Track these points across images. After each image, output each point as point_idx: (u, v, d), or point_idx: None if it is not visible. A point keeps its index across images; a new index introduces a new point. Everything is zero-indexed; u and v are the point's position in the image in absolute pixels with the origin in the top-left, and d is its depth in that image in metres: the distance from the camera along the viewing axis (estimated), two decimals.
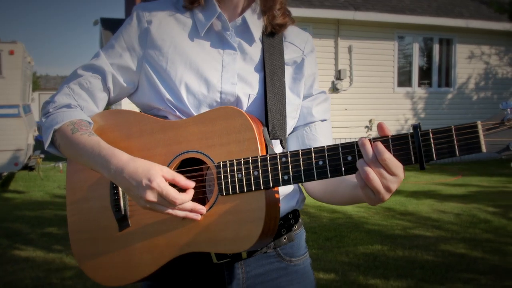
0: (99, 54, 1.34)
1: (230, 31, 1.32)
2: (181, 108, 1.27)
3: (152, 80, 1.30)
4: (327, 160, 1.09)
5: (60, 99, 1.31)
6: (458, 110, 13.29)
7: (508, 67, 13.91)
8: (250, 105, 1.30)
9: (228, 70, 1.30)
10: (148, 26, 1.31)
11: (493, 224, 6.49)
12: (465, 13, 12.95)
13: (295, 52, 1.40)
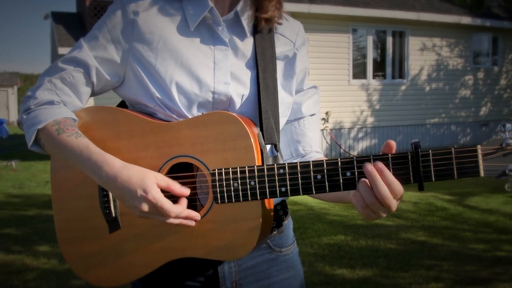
0: (82, 46, 1.25)
1: (222, 26, 1.26)
2: (171, 107, 1.22)
3: (140, 76, 1.23)
4: (325, 175, 1.08)
5: (42, 94, 1.23)
6: (412, 101, 13.59)
7: (459, 58, 14.30)
8: (243, 105, 1.26)
9: (221, 67, 1.24)
10: (134, 18, 1.23)
11: (449, 211, 6.70)
12: (417, 6, 13.23)
13: (287, 44, 1.35)
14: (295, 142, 1.39)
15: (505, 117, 15.43)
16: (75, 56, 1.25)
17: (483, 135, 15.08)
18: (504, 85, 15.29)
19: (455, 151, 1.02)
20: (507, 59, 15.30)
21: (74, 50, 1.26)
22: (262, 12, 1.27)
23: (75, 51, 1.26)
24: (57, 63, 1.26)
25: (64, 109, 1.23)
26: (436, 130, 14.15)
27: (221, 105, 1.25)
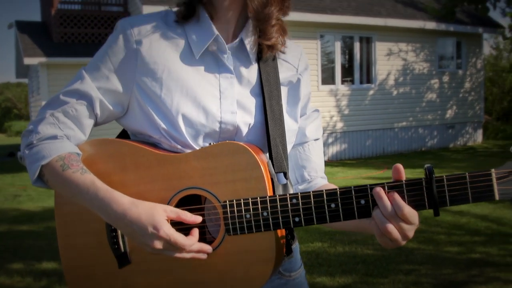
0: (83, 77, 1.21)
1: (227, 53, 1.23)
2: (177, 137, 1.19)
3: (144, 107, 1.20)
4: (339, 203, 1.07)
5: (45, 129, 1.19)
6: (380, 105, 13.78)
7: (424, 62, 14.57)
8: (249, 134, 1.24)
9: (227, 96, 1.22)
10: (137, 47, 1.19)
11: (422, 214, 6.70)
12: (383, 12, 13.43)
13: (290, 70, 1.33)
14: (300, 167, 1.37)
15: (470, 119, 15.77)
16: (77, 88, 1.21)
17: (450, 138, 15.38)
18: (468, 88, 15.63)
19: (469, 175, 1.01)
20: (471, 62, 15.66)
21: (75, 82, 1.22)
22: (266, 39, 1.24)
23: (76, 83, 1.21)
24: (59, 95, 1.22)
25: (67, 143, 1.20)
26: (404, 134, 14.36)
27: (228, 134, 1.23)
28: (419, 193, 1.04)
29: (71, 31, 12.58)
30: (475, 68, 15.81)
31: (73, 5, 13.91)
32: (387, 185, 1.05)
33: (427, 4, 14.39)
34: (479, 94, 16.00)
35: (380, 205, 1.04)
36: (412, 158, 12.98)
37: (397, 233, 1.03)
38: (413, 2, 14.98)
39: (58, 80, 11.83)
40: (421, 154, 14.00)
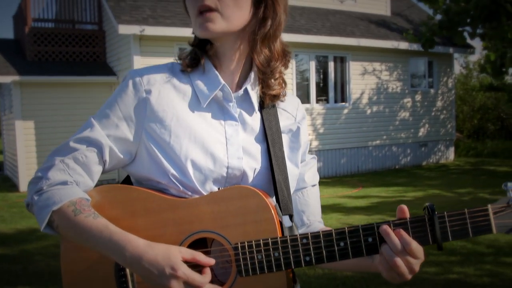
0: (93, 125, 1.24)
1: (233, 102, 1.29)
2: (186, 183, 1.22)
3: (153, 154, 1.23)
4: (348, 242, 1.13)
5: (55, 175, 1.20)
6: (354, 124, 13.92)
7: (397, 82, 14.80)
8: (255, 179, 1.28)
9: (233, 143, 1.27)
10: (147, 96, 1.24)
11: None
12: (356, 32, 13.64)
13: (289, 119, 1.40)
14: (300, 212, 1.43)
15: (442, 137, 16.03)
16: (87, 135, 1.23)
17: (423, 155, 15.61)
18: (440, 106, 15.91)
19: (468, 211, 1.10)
20: (442, 81, 15.96)
21: (85, 129, 1.25)
22: (269, 90, 1.31)
23: (86, 131, 1.24)
24: (69, 142, 1.24)
25: (77, 189, 1.21)
26: (378, 152, 14.52)
27: (235, 179, 1.27)
28: (423, 229, 1.12)
29: (45, 49, 12.45)
30: (447, 87, 16.13)
31: (47, 23, 13.80)
32: (392, 222, 1.13)
33: (406, 31, 14.67)
34: (451, 112, 16.30)
35: (388, 241, 1.11)
36: (386, 176, 13.13)
37: (404, 267, 1.11)
38: (386, 22, 15.25)
39: (31, 99, 11.70)
40: (395, 172, 14.17)
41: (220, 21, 1.21)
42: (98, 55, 13.02)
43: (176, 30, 10.96)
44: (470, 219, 1.10)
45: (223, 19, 1.22)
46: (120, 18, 10.60)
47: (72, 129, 12.01)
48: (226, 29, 1.23)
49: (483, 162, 15.85)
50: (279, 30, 1.29)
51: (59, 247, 1.27)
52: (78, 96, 12.16)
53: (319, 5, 14.44)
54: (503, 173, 13.15)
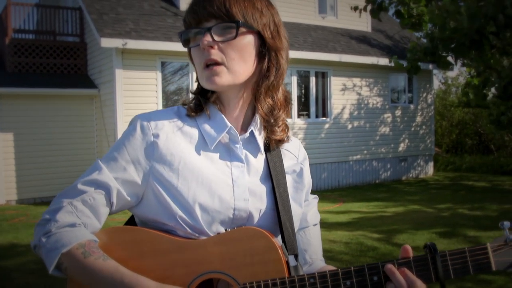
0: (101, 167, 1.26)
1: (239, 144, 1.32)
2: (193, 225, 1.24)
3: (161, 196, 1.25)
4: (354, 280, 1.16)
5: (63, 217, 1.21)
6: (335, 139, 14.02)
7: (378, 97, 14.96)
8: (260, 219, 1.31)
9: (239, 185, 1.29)
10: (155, 140, 1.26)
11: (380, 251, 6.90)
12: (338, 48, 13.77)
13: (292, 159, 1.43)
14: (302, 251, 1.46)
15: (422, 152, 16.21)
16: (95, 178, 1.25)
17: (402, 170, 15.76)
18: (419, 122, 16.11)
19: (468, 250, 1.15)
20: (422, 97, 16.18)
21: (93, 172, 1.26)
22: (273, 135, 1.35)
23: (94, 173, 1.25)
24: (77, 185, 1.25)
25: (86, 231, 1.22)
26: (358, 166, 14.63)
27: (241, 220, 1.29)
28: (426, 268, 1.17)
29: (26, 60, 12.34)
30: (426, 102, 16.34)
31: (27, 34, 13.71)
32: (397, 262, 1.16)
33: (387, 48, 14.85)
34: (430, 127, 16.50)
35: (394, 280, 1.15)
36: (366, 191, 13.21)
37: None
38: (367, 38, 15.44)
39: (11, 111, 11.57)
40: (375, 186, 14.28)
41: (226, 75, 1.25)
42: (79, 67, 12.94)
43: (158, 44, 10.96)
44: (471, 257, 1.14)
45: (229, 73, 1.25)
46: (102, 31, 10.57)
47: (52, 142, 11.94)
48: (231, 82, 1.27)
49: (461, 177, 16.05)
50: (282, 79, 1.35)
51: (39, 263, 1.27)
52: (59, 109, 12.07)
53: (301, 21, 14.56)
54: (481, 188, 13.33)
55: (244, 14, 1.25)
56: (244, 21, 1.24)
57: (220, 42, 1.24)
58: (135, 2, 12.40)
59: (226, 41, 1.24)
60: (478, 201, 10.98)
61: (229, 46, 1.24)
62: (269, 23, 1.30)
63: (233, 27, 1.23)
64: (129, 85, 11.00)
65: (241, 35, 1.25)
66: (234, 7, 1.24)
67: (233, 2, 1.24)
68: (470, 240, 7.30)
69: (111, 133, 11.46)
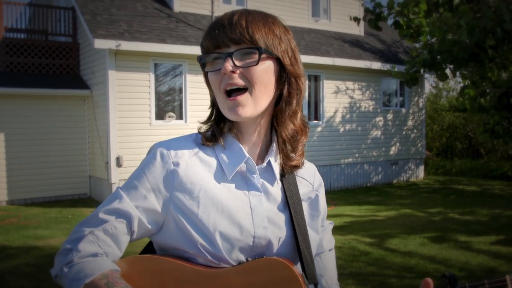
0: (122, 196, 1.27)
1: (256, 174, 1.33)
2: (214, 252, 1.24)
3: (181, 224, 1.26)
4: None
5: (85, 247, 1.22)
6: (327, 142, 14.06)
7: (369, 101, 15.02)
8: (280, 247, 1.31)
9: (258, 213, 1.30)
10: (175, 168, 1.27)
11: (372, 255, 6.93)
12: (331, 52, 13.81)
13: (307, 187, 1.44)
14: (319, 276, 1.47)
15: (413, 155, 16.29)
16: (117, 207, 1.25)
17: (394, 173, 15.83)
18: (411, 125, 16.19)
19: (488, 282, 1.18)
20: (413, 101, 16.26)
21: (113, 201, 1.27)
22: (289, 161, 1.36)
23: (115, 202, 1.26)
24: (98, 214, 1.25)
25: (108, 261, 1.23)
26: (350, 170, 14.68)
27: (260, 248, 1.30)
28: None
29: (17, 60, 12.27)
30: (417, 106, 16.43)
31: (20, 33, 13.62)
32: None
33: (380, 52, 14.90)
34: (421, 131, 16.59)
35: None
36: (358, 194, 13.26)
37: None
38: (359, 42, 15.50)
39: (2, 111, 11.49)
40: (366, 190, 14.33)
41: (250, 104, 1.26)
42: (71, 67, 12.88)
43: (152, 45, 10.94)
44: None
45: (252, 101, 1.26)
46: (96, 32, 10.53)
47: (44, 142, 11.87)
48: (254, 113, 1.28)
49: (451, 181, 16.14)
50: (302, 103, 1.37)
51: (32, 266, 1.27)
52: (51, 109, 12.01)
53: (294, 24, 14.58)
54: (471, 192, 13.42)
55: (265, 41, 1.26)
56: (266, 47, 1.25)
57: (242, 68, 1.24)
58: (128, 3, 12.37)
59: (248, 67, 1.24)
60: (468, 206, 11.05)
61: (251, 71, 1.25)
62: (288, 49, 1.31)
63: (255, 52, 1.24)
64: (122, 87, 10.97)
65: (262, 61, 1.25)
66: (256, 33, 1.25)
67: (255, 29, 1.25)
68: (461, 245, 7.35)
69: (103, 134, 11.42)
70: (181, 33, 11.82)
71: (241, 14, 1.28)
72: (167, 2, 13.14)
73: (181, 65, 11.75)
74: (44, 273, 5.98)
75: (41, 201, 11.87)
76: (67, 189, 12.29)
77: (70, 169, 12.26)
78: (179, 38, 11.54)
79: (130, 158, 11.02)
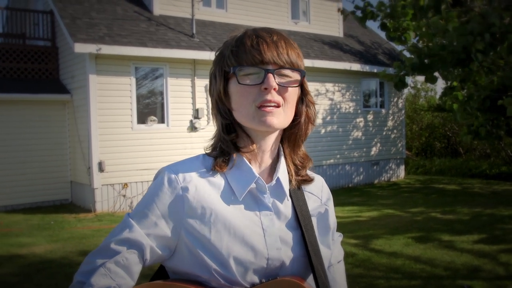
0: (132, 225, 1.26)
1: (266, 193, 1.32)
2: (228, 276, 1.24)
3: (194, 250, 1.25)
4: None
5: (97, 281, 1.20)
6: (309, 143, 14.07)
7: (350, 102, 15.12)
8: (293, 267, 1.31)
9: (270, 234, 1.30)
10: (184, 194, 1.26)
11: (359, 257, 6.97)
12: (311, 54, 13.87)
13: (316, 202, 1.44)
14: None
15: (393, 155, 16.44)
16: (128, 237, 1.24)
17: (375, 174, 15.95)
18: (391, 126, 16.34)
19: None
20: (393, 102, 16.41)
21: (123, 230, 1.25)
22: (297, 176, 1.38)
23: (125, 231, 1.25)
24: (109, 245, 1.24)
25: None
26: (332, 171, 14.76)
27: (274, 269, 1.29)
28: None
29: None
30: (397, 107, 16.58)
31: None
32: None
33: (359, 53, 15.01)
34: (401, 132, 16.75)
35: None
36: (340, 195, 13.33)
37: None
38: (339, 43, 15.60)
39: None
40: (348, 190, 14.42)
41: (282, 118, 1.27)
42: (50, 72, 12.73)
43: (132, 49, 10.87)
44: None
45: (284, 115, 1.28)
46: (76, 36, 10.43)
47: (24, 148, 11.71)
48: (283, 126, 1.30)
49: (432, 180, 16.32)
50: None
51: (18, 275, 1.26)
52: (30, 114, 11.85)
53: (274, 26, 14.50)
54: (451, 191, 13.58)
55: (300, 65, 1.30)
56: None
57: (282, 86, 1.26)
58: (108, 6, 12.27)
59: (288, 87, 1.27)
60: (449, 205, 11.19)
61: (288, 90, 1.27)
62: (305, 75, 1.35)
63: (297, 76, 1.28)
64: (103, 91, 10.88)
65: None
66: (295, 56, 1.28)
67: (294, 51, 1.29)
68: (445, 244, 7.45)
69: (84, 139, 11.31)
70: (161, 36, 11.77)
71: (279, 35, 1.29)
72: (147, 6, 13.07)
73: (162, 68, 11.70)
74: (30, 282, 5.90)
75: (22, 208, 11.71)
76: (49, 195, 12.15)
77: (51, 175, 12.12)
78: (160, 42, 11.49)
79: (112, 163, 10.94)
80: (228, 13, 14.04)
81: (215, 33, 12.94)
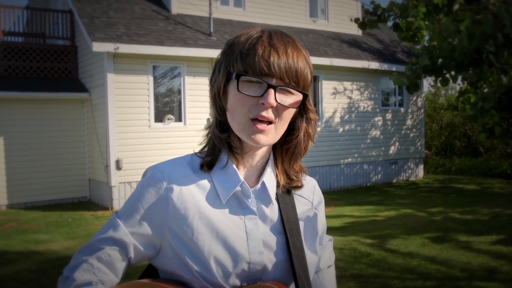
0: (117, 224, 1.27)
1: (251, 198, 1.30)
2: (209, 278, 1.23)
3: (176, 250, 1.25)
4: None
5: (80, 276, 1.22)
6: (326, 142, 14.06)
7: (368, 101, 15.02)
8: (275, 272, 1.30)
9: (253, 238, 1.28)
10: (169, 194, 1.26)
11: (374, 257, 6.91)
12: (329, 52, 13.81)
13: (306, 205, 1.41)
14: None
15: (412, 155, 16.30)
16: (112, 236, 1.25)
17: (393, 173, 15.83)
18: (409, 125, 16.20)
19: None
20: (412, 100, 16.26)
21: (109, 229, 1.27)
22: (287, 181, 1.35)
23: (110, 230, 1.26)
24: (94, 242, 1.26)
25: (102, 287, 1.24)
26: (350, 170, 14.68)
27: (256, 273, 1.28)
28: None
29: (16, 64, 12.26)
30: (416, 106, 16.44)
31: (17, 37, 13.60)
32: None
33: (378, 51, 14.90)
34: (420, 130, 16.60)
35: None
36: (358, 194, 13.26)
37: None
38: (357, 42, 15.50)
39: (1, 115, 11.49)
40: (366, 189, 14.33)
41: (272, 135, 1.24)
42: (69, 71, 12.87)
43: (150, 48, 10.93)
44: None
45: (275, 133, 1.25)
46: (94, 35, 10.52)
47: (43, 146, 11.86)
48: (272, 142, 1.27)
49: (451, 180, 16.15)
50: None
51: (33, 271, 1.28)
52: (49, 113, 12.00)
53: (292, 24, 14.59)
54: (471, 191, 13.42)
55: (306, 84, 1.26)
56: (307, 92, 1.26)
57: (280, 104, 1.22)
58: (126, 5, 12.36)
59: (287, 107, 1.23)
60: (468, 205, 11.05)
61: (284, 110, 1.23)
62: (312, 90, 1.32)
63: (299, 96, 1.24)
64: (120, 89, 10.96)
65: None
66: (303, 77, 1.24)
67: (302, 70, 1.23)
68: (462, 245, 7.35)
69: (102, 137, 11.41)
70: (179, 35, 11.82)
71: (294, 47, 1.24)
72: (165, 4, 13.13)
73: (179, 67, 11.75)
74: (46, 279, 5.98)
75: (40, 205, 11.86)
76: (67, 192, 12.28)
77: (69, 173, 12.25)
78: (177, 40, 11.53)
79: (129, 161, 11.02)
80: (246, 11, 14.04)
81: (232, 31, 12.95)
